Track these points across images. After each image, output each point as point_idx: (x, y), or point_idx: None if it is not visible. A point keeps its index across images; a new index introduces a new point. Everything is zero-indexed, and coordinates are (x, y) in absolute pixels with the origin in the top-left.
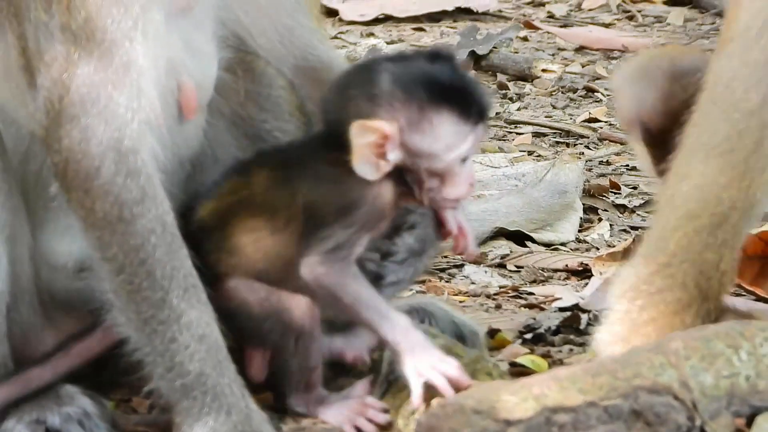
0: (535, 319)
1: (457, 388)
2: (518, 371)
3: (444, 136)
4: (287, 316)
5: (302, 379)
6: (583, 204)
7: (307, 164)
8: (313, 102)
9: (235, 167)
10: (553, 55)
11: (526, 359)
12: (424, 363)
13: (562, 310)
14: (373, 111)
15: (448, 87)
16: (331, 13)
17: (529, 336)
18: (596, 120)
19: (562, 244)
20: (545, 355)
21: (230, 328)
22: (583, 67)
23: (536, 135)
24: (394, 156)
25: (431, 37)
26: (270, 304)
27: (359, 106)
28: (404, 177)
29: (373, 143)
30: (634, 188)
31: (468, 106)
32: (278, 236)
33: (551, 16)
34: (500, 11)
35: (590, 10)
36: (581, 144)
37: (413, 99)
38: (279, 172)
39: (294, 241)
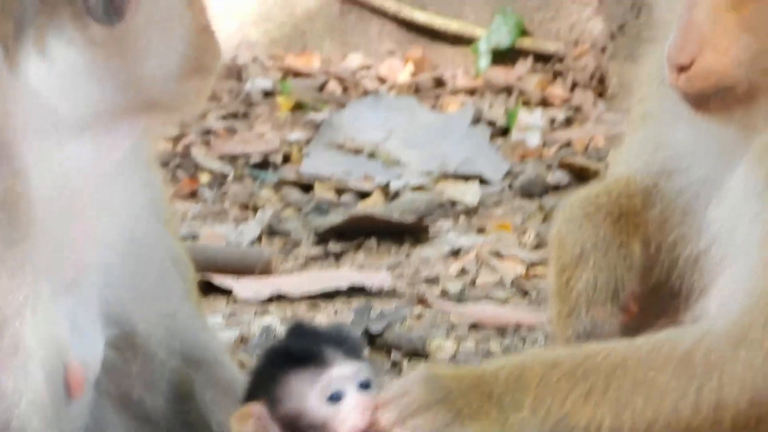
0: None
1: None
2: None
3: (293, 391)
4: None
5: None
6: None
7: None
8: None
9: None
10: (447, 331)
11: None
12: None
13: None
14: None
15: (287, 347)
16: (224, 292)
17: None
18: None
19: None
20: None
21: None
22: (477, 344)
23: None
24: (275, 430)
25: (325, 316)
26: None
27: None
28: None
29: (254, 426)
30: None
31: (306, 353)
32: None
33: (445, 293)
34: (394, 289)
35: (484, 286)
36: None
37: (263, 373)
38: None
39: None
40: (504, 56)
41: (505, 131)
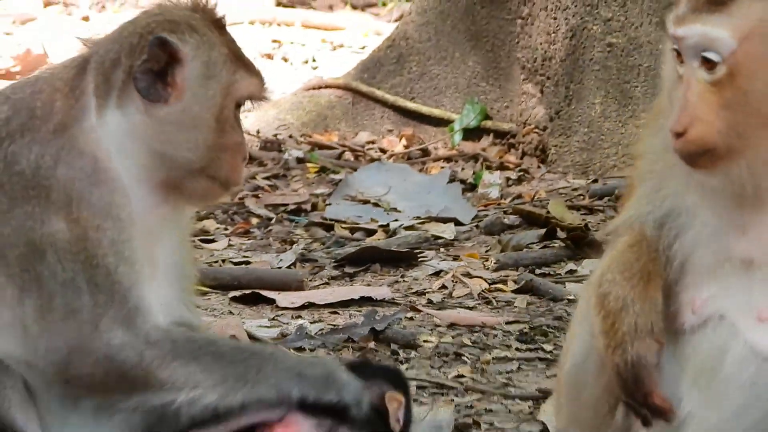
0: None
1: None
2: None
3: None
4: None
5: None
6: None
7: None
8: None
9: None
10: (431, 329)
11: None
12: None
13: None
14: None
15: None
16: (269, 302)
17: None
18: (462, 376)
19: None
20: None
21: None
22: (453, 338)
23: (419, 387)
24: None
25: (343, 319)
26: None
27: None
28: None
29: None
30: (490, 424)
31: None
32: None
33: (430, 301)
34: (393, 299)
35: (458, 297)
36: (452, 393)
37: None
38: None
39: None
40: (472, 133)
41: (473, 187)
